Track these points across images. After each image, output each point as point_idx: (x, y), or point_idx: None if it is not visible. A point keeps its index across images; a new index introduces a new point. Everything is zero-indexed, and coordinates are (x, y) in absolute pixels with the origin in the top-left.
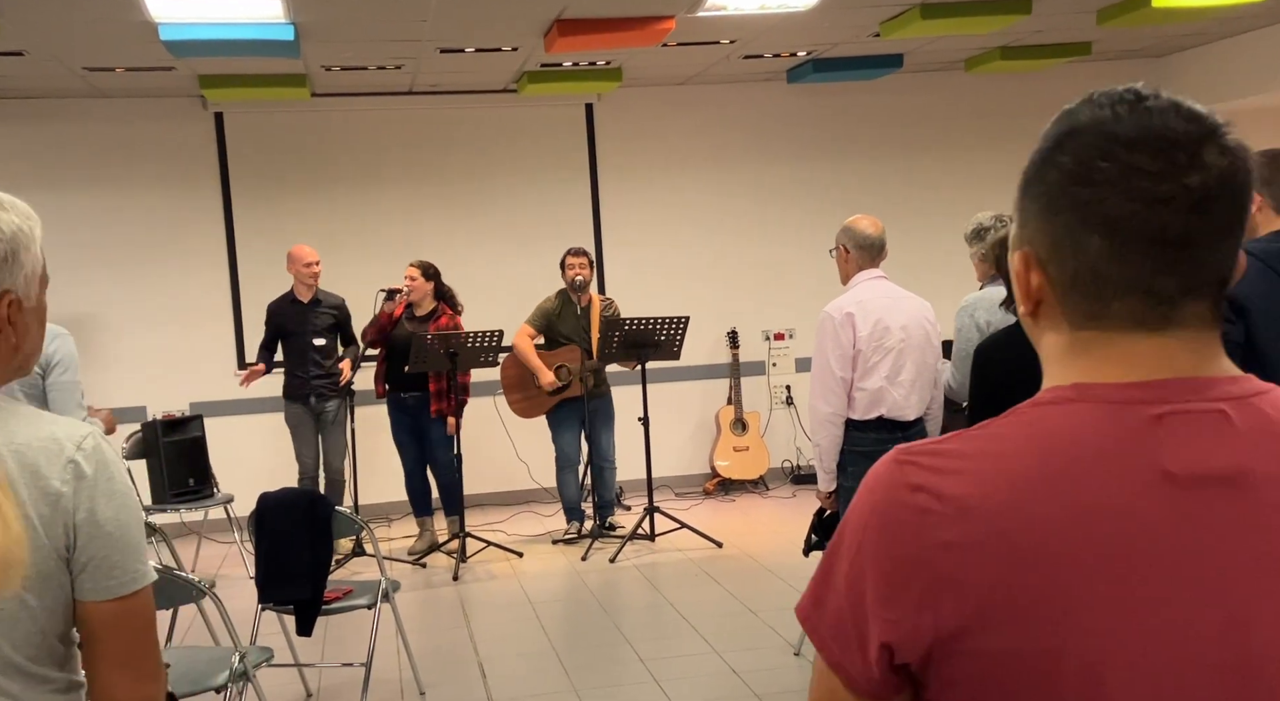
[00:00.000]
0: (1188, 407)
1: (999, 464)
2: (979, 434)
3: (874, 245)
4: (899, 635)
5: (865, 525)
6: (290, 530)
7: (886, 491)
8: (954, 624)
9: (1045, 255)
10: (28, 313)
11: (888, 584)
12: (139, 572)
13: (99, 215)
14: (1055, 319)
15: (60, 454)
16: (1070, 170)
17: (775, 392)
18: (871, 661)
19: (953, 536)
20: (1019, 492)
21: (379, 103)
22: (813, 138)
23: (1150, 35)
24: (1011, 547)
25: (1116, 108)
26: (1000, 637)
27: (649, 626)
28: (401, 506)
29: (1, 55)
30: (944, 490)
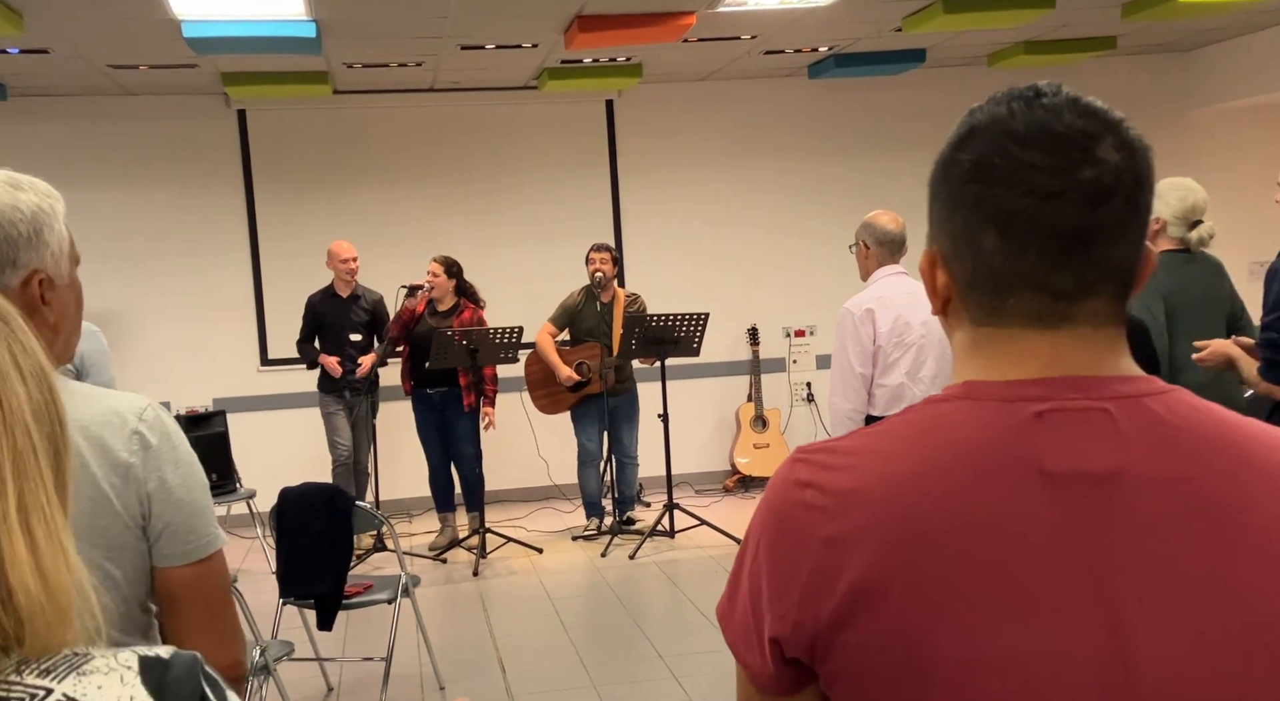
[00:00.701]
0: (1069, 405)
1: (882, 460)
2: (871, 431)
3: (894, 241)
4: (784, 629)
5: (762, 522)
6: (311, 525)
7: (780, 489)
8: (831, 616)
9: (948, 253)
10: (61, 291)
11: (776, 579)
12: (213, 536)
13: (122, 212)
14: (960, 317)
15: (124, 426)
16: (967, 168)
17: (796, 389)
18: (767, 657)
19: (833, 530)
20: (897, 488)
21: (400, 100)
22: (834, 134)
23: (1176, 29)
24: (886, 542)
25: (1012, 105)
26: (874, 631)
27: (668, 622)
28: (422, 502)
29: (27, 53)
30: (829, 485)
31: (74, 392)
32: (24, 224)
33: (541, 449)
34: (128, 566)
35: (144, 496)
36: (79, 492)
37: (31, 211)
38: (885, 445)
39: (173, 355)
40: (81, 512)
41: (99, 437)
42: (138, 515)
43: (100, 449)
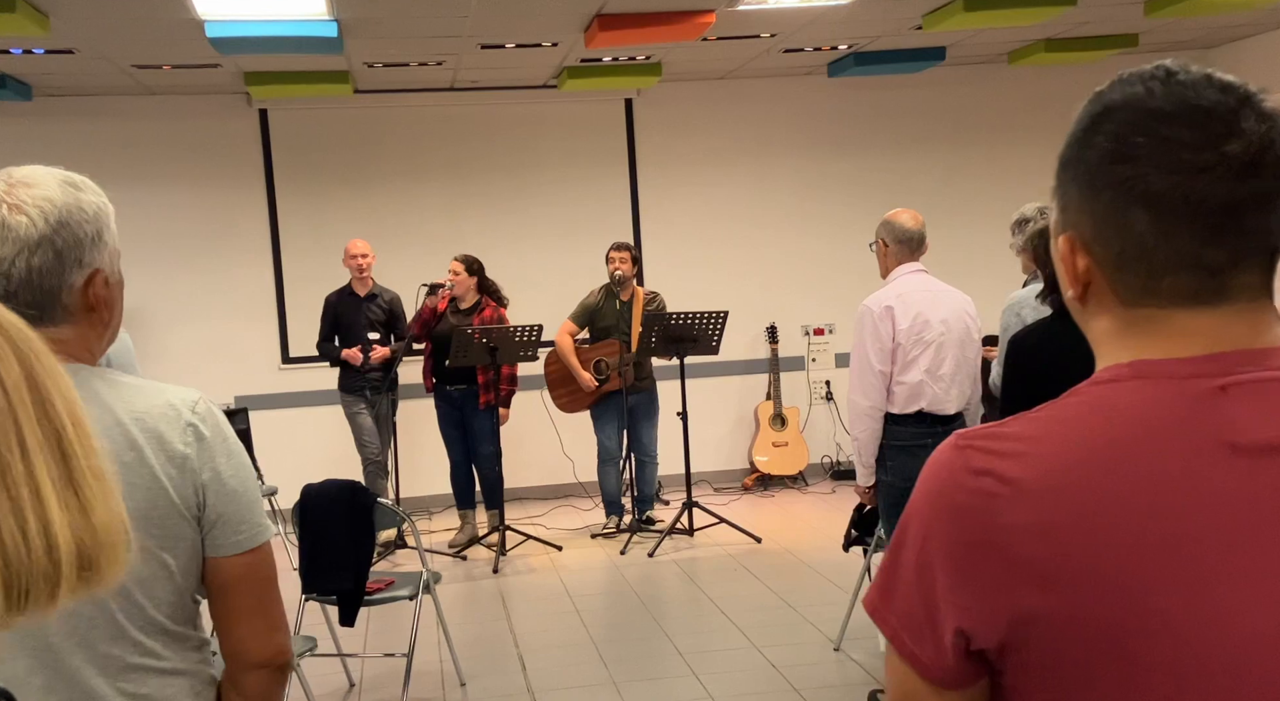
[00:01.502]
0: (1249, 378)
1: (1062, 444)
2: (1039, 416)
3: (913, 239)
4: (974, 620)
5: (930, 513)
6: (333, 522)
7: (949, 477)
8: (1029, 606)
9: (1090, 236)
10: (114, 287)
11: (959, 570)
12: (262, 526)
13: (145, 211)
14: (1105, 300)
15: (179, 418)
16: (1108, 149)
17: (815, 388)
18: (946, 649)
19: (1021, 518)
20: (1086, 471)
21: (421, 98)
22: (854, 132)
23: (1199, 26)
24: (1082, 526)
25: (1148, 84)
26: (1076, 617)
27: (687, 620)
28: (442, 499)
29: (52, 53)
30: (1008, 472)
31: (130, 386)
32: (89, 224)
33: (565, 446)
34: (182, 556)
35: (199, 486)
36: (135, 483)
37: (94, 211)
38: (1060, 429)
39: (195, 353)
40: (137, 503)
41: (155, 429)
42: (193, 505)
43: (157, 440)
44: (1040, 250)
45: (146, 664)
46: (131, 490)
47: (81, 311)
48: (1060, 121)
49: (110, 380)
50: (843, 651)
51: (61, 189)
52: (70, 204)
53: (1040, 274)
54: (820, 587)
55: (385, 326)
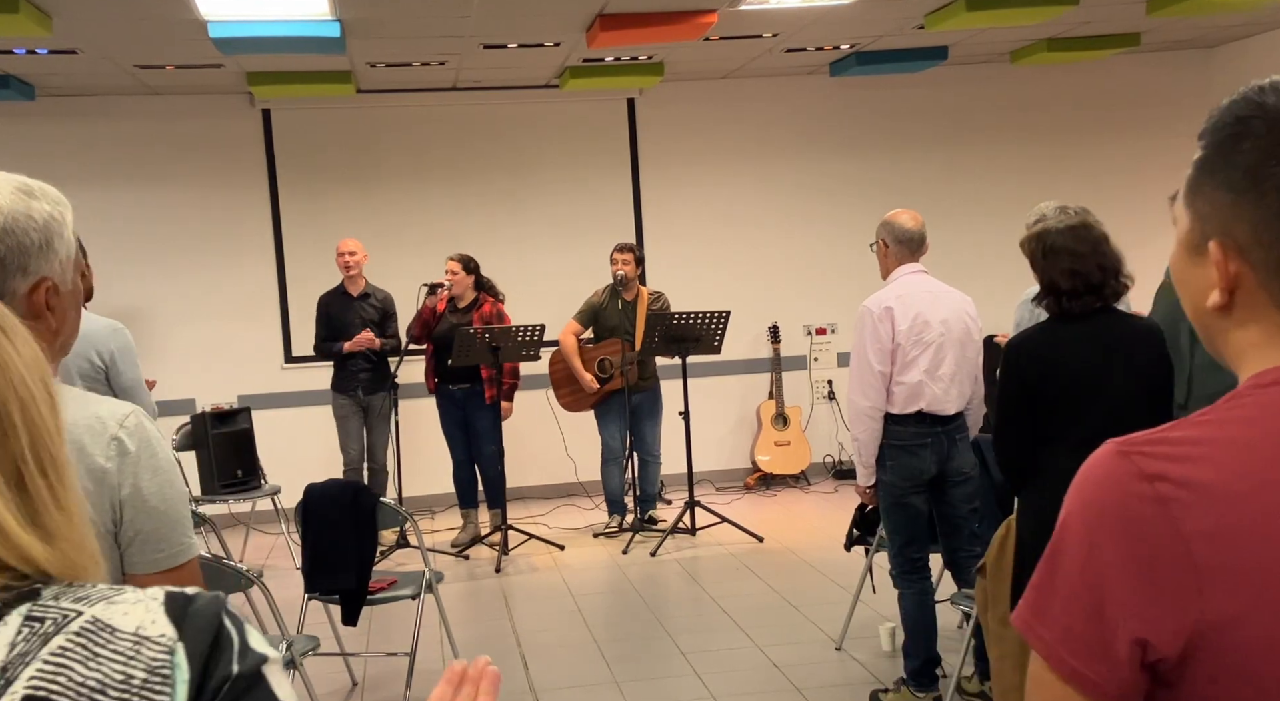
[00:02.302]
0: None
1: (1236, 448)
2: (1207, 420)
3: (914, 239)
4: (1156, 630)
5: (1096, 523)
6: (336, 521)
7: (1116, 485)
8: (1221, 614)
9: (1247, 240)
10: (65, 297)
11: (1139, 579)
12: (184, 545)
13: (148, 210)
14: (1257, 305)
15: (104, 432)
16: (1268, 150)
17: (817, 387)
18: (1120, 662)
19: (1208, 524)
20: (1265, 476)
21: (423, 98)
22: (856, 131)
23: (1200, 25)
24: (1268, 529)
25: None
26: (1269, 627)
27: (690, 619)
28: (445, 499)
29: (55, 53)
30: (1187, 477)
31: (68, 396)
32: (36, 232)
33: (569, 445)
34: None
35: (116, 503)
36: None
37: (44, 220)
38: (1234, 433)
39: (198, 353)
40: None
41: (78, 441)
42: (109, 521)
43: (77, 452)
44: (1036, 254)
45: None
46: None
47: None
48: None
49: None
50: (844, 651)
51: (11, 195)
52: (18, 211)
53: (1036, 275)
54: (822, 587)
55: (378, 325)
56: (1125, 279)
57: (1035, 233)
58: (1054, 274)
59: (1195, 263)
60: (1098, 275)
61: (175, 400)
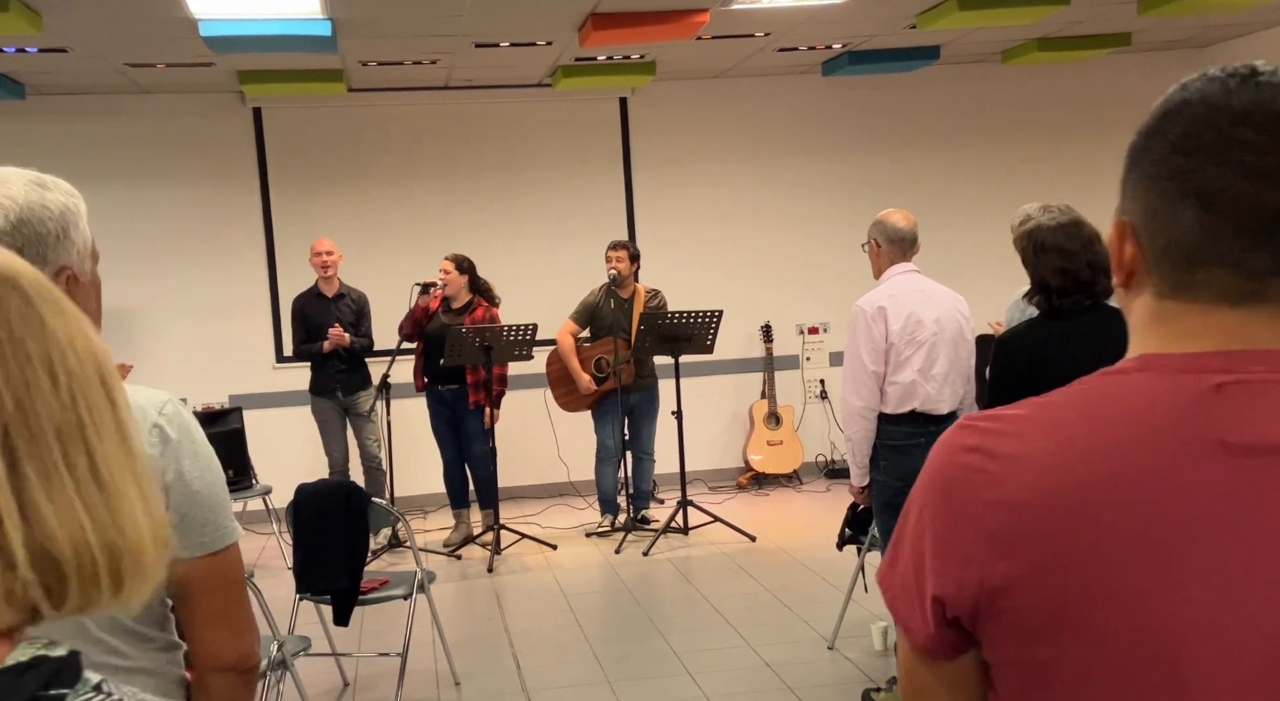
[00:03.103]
0: (1251, 377)
1: (1050, 428)
2: (1041, 400)
3: (905, 239)
4: (948, 589)
5: (926, 486)
6: (327, 521)
7: (945, 453)
8: (998, 580)
9: (1140, 225)
10: (84, 288)
11: (941, 540)
12: (228, 529)
13: (139, 209)
14: (1143, 290)
15: (144, 419)
16: (1174, 140)
17: (809, 387)
18: (929, 617)
19: (1000, 494)
20: (1066, 455)
21: (415, 97)
22: (848, 131)
23: (1191, 26)
24: (1055, 508)
25: (1228, 81)
26: (1042, 596)
27: (682, 619)
28: (437, 498)
29: (45, 52)
30: (996, 449)
31: None
32: (53, 222)
33: (561, 445)
34: None
35: (162, 489)
36: None
37: (60, 210)
38: (1056, 414)
39: (188, 352)
40: None
41: None
42: None
43: None
44: (1028, 252)
45: (109, 662)
46: None
47: None
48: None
49: None
50: (837, 649)
51: (26, 187)
52: (33, 202)
53: (1027, 273)
54: (814, 586)
55: (354, 326)
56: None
57: (1027, 230)
58: (1044, 271)
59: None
60: (1087, 273)
61: None
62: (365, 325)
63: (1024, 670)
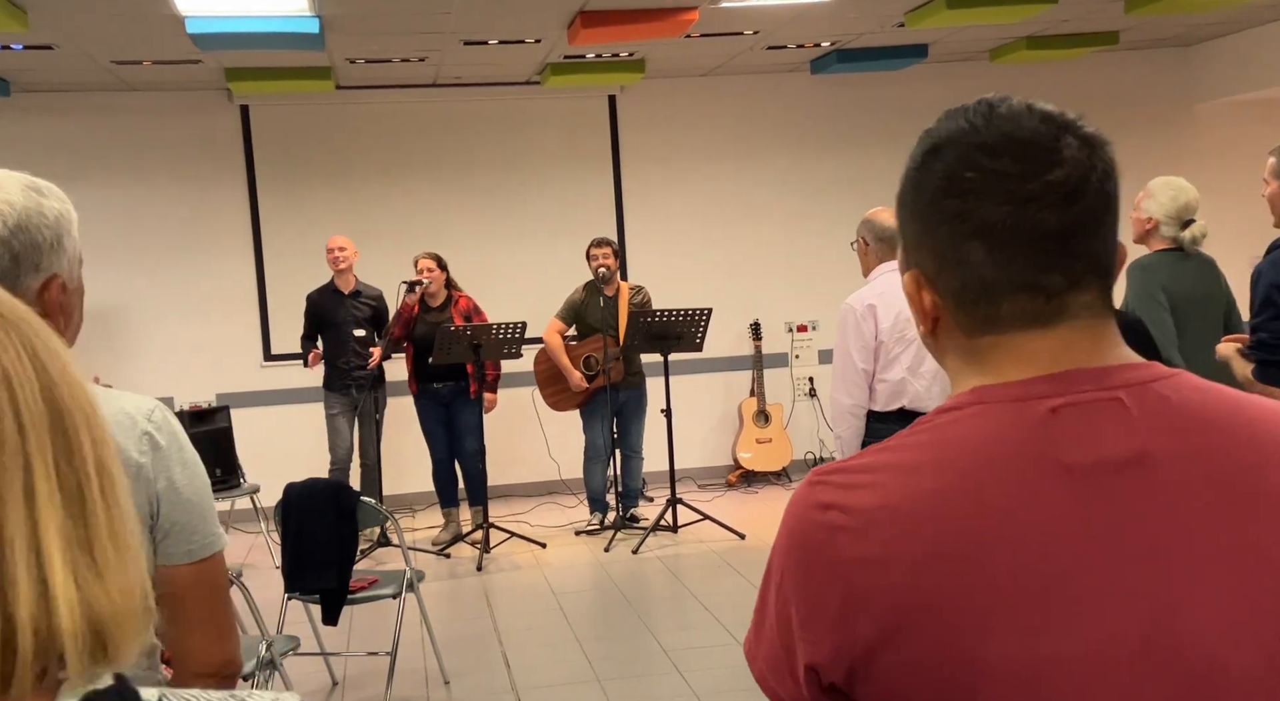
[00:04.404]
0: (1082, 398)
1: (901, 475)
2: (884, 447)
3: (894, 237)
4: (821, 656)
5: (785, 550)
6: (316, 520)
7: (799, 513)
8: (870, 639)
9: (933, 272)
10: (73, 294)
11: (807, 604)
12: (215, 536)
13: (126, 208)
14: (952, 332)
15: (134, 426)
16: (940, 185)
17: (798, 384)
18: (802, 686)
19: (862, 551)
20: (923, 501)
21: (403, 95)
22: (837, 129)
23: (1178, 24)
24: (920, 556)
25: (971, 119)
26: (917, 648)
27: (672, 617)
28: (425, 497)
29: (31, 49)
30: (851, 505)
31: None
32: (49, 229)
33: (550, 443)
34: None
35: (154, 496)
36: None
37: (55, 217)
38: (902, 459)
39: (176, 350)
40: None
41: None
42: (147, 514)
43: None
44: None
45: None
46: None
47: None
48: None
49: None
50: None
51: (23, 193)
52: (30, 208)
53: None
54: None
55: (370, 324)
56: None
57: None
58: None
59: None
60: None
61: None
62: (385, 324)
63: None
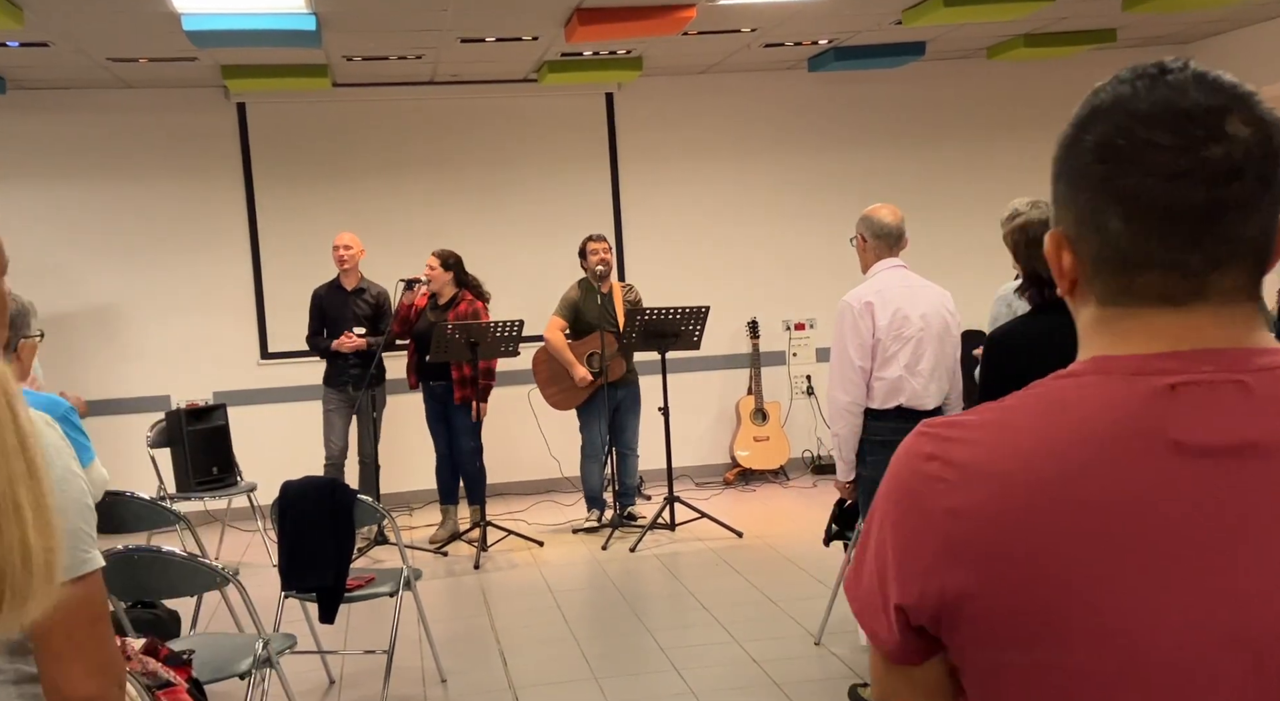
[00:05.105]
0: (1202, 378)
1: (1006, 433)
2: (995, 406)
3: (892, 234)
4: (910, 598)
5: (886, 495)
6: (313, 518)
7: (905, 462)
8: (959, 589)
9: (1073, 235)
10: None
11: (902, 549)
12: (80, 559)
13: (122, 206)
14: (1086, 297)
15: None
16: (1091, 148)
17: (795, 382)
18: (893, 625)
19: (958, 502)
20: (1023, 460)
21: (400, 92)
22: (834, 127)
23: (1176, 21)
24: (1012, 514)
25: (1136, 83)
26: (1005, 602)
27: (669, 615)
28: (423, 495)
29: (26, 46)
30: (954, 458)
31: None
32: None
33: (548, 442)
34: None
35: None
36: None
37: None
38: (1010, 418)
39: (173, 349)
40: None
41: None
42: None
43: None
44: (1020, 245)
45: None
46: None
47: None
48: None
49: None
50: (824, 645)
51: None
52: None
53: (1019, 267)
54: (801, 582)
55: (371, 321)
56: None
57: (1018, 224)
58: (1037, 264)
59: None
60: None
61: (150, 397)
62: (385, 322)
63: (991, 675)
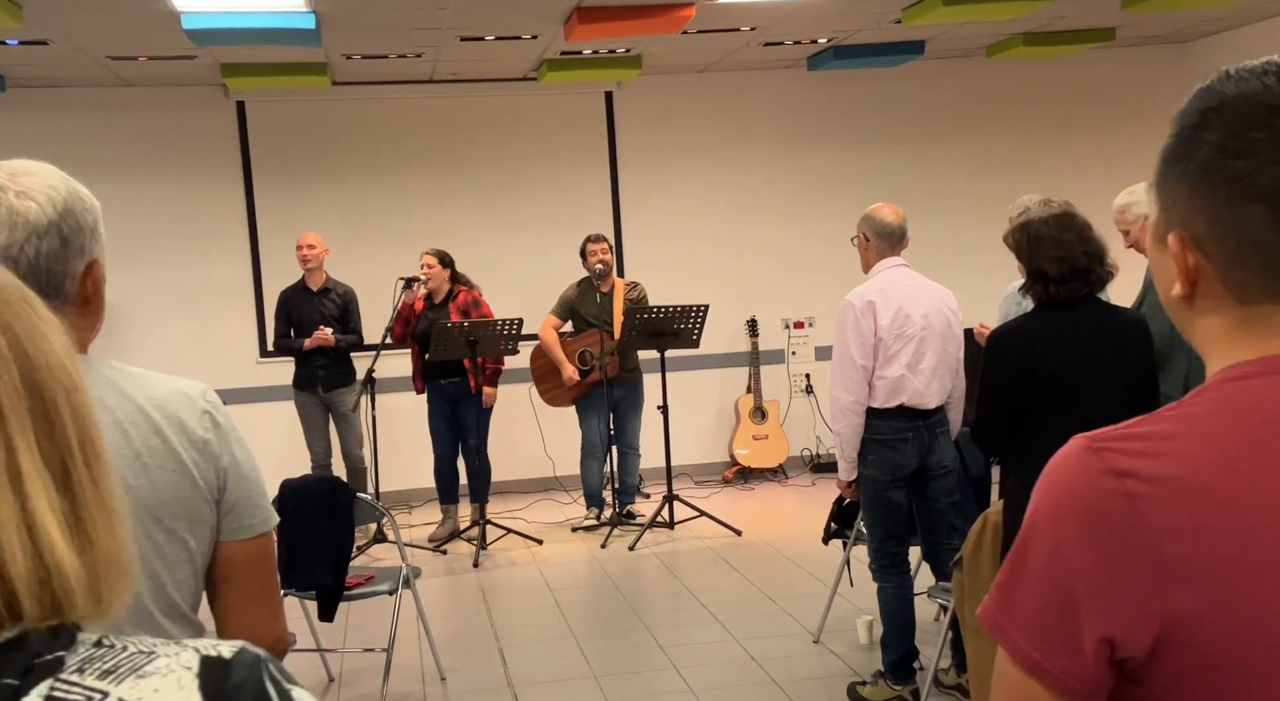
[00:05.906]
0: None
1: (1205, 442)
2: (1173, 415)
3: (894, 233)
4: (1123, 627)
5: (1063, 516)
6: (312, 516)
7: (1085, 481)
8: (1187, 610)
9: (1202, 233)
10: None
11: (1104, 575)
12: (271, 512)
13: (121, 204)
14: (1217, 298)
15: (195, 405)
16: (1222, 144)
17: (795, 381)
18: (1087, 659)
19: (1174, 519)
20: (1235, 469)
21: (399, 91)
22: (833, 125)
23: (1175, 21)
24: (1240, 526)
25: (1265, 79)
26: (1238, 621)
27: (668, 613)
28: (422, 493)
29: (26, 44)
30: (1153, 472)
31: (137, 374)
32: (89, 214)
33: (547, 440)
34: (202, 540)
35: (220, 471)
36: (163, 467)
37: (91, 202)
38: (1195, 428)
39: (172, 346)
40: (169, 485)
41: (176, 415)
42: (215, 488)
43: (179, 425)
44: (1022, 243)
45: None
46: (161, 473)
47: (79, 301)
48: (1038, 114)
49: (118, 369)
50: (822, 643)
51: (62, 178)
52: (72, 192)
53: (1022, 266)
54: (800, 580)
55: (339, 321)
56: (1110, 267)
57: (1020, 223)
58: (1041, 261)
59: (1162, 252)
60: (1083, 261)
61: None
62: (352, 321)
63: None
